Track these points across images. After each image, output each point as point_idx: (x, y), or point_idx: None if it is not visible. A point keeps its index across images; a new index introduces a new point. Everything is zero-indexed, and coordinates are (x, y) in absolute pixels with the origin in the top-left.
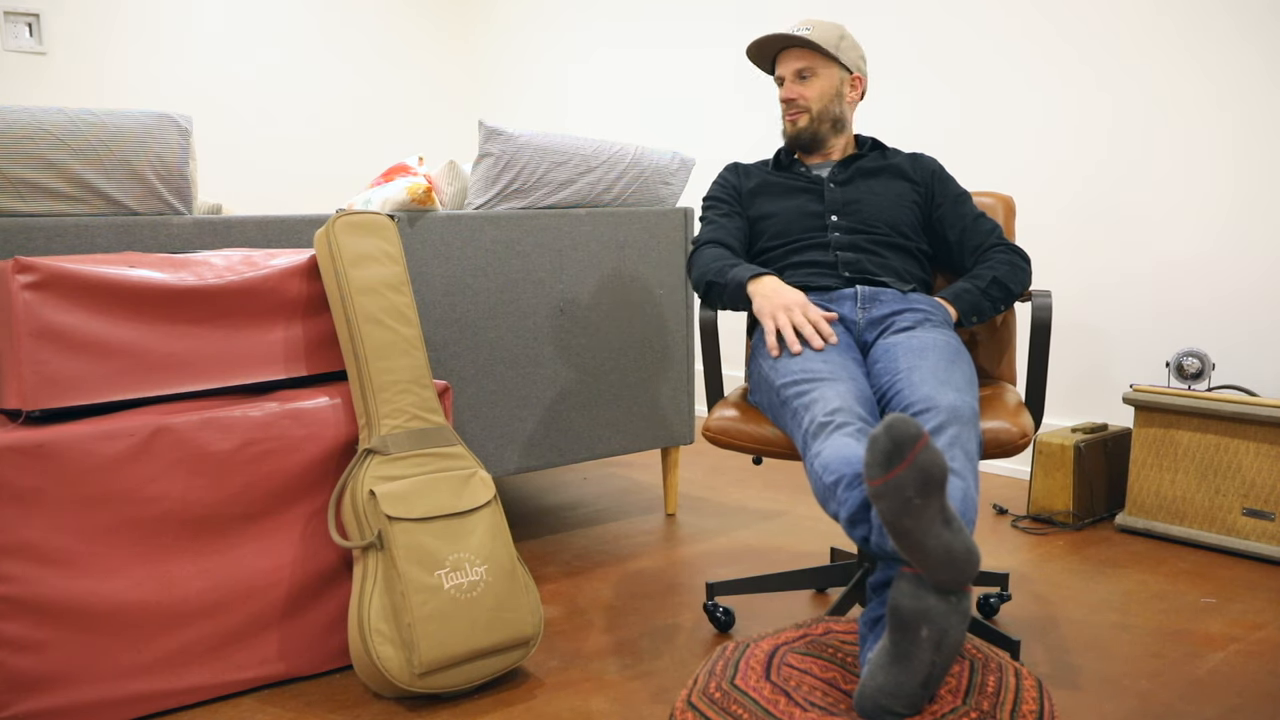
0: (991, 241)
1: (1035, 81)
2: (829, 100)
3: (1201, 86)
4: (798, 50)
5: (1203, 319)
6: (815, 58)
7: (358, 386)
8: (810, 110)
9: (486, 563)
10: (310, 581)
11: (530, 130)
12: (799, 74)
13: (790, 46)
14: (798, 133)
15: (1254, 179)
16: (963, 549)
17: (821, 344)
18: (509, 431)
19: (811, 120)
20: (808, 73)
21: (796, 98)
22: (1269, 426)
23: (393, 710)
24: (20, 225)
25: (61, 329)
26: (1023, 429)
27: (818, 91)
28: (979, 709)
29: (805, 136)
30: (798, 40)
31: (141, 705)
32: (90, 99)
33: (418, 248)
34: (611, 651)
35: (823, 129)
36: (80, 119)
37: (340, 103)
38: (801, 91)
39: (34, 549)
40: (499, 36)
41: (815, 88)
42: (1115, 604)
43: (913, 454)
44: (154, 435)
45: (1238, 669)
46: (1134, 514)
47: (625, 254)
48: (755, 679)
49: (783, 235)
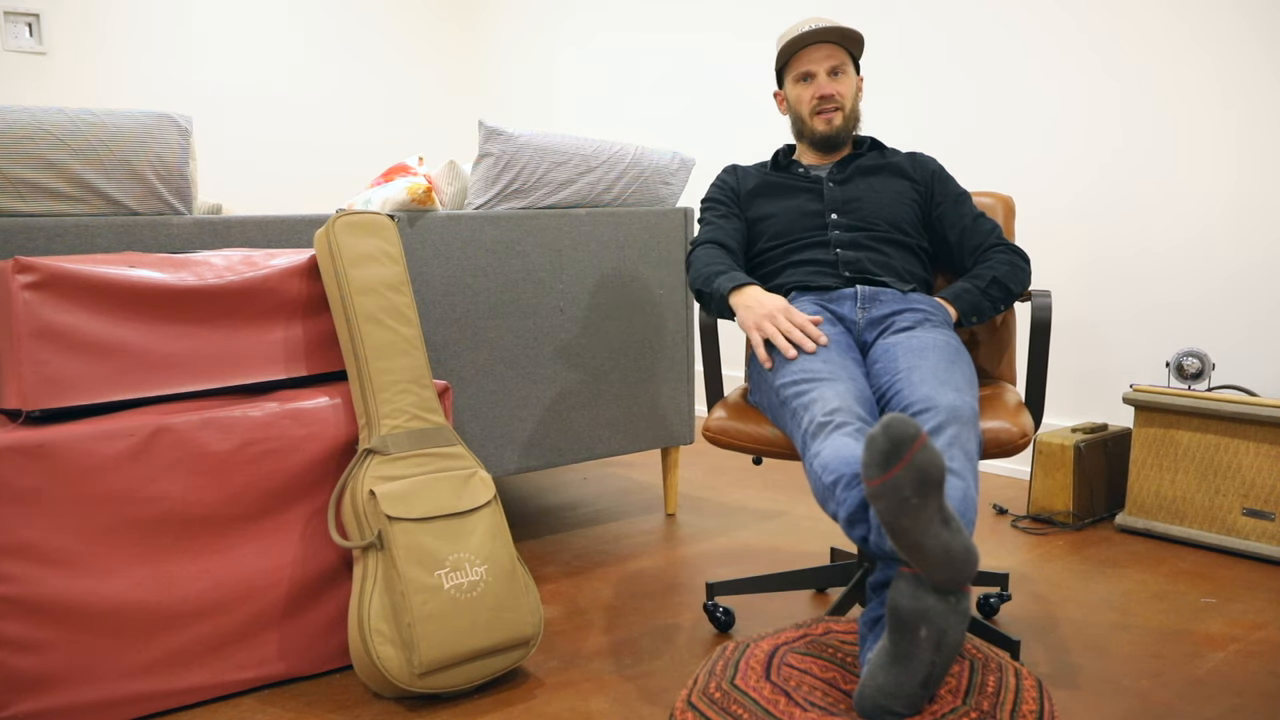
0: (991, 241)
1: (1036, 81)
2: (855, 98)
3: (1204, 86)
4: (830, 46)
5: (1203, 319)
6: (845, 55)
7: (358, 386)
8: (844, 108)
9: (486, 563)
10: (310, 581)
11: (530, 130)
12: (833, 70)
13: (828, 41)
14: (835, 131)
15: (1255, 179)
16: (961, 549)
17: (814, 347)
18: (509, 431)
19: (845, 118)
20: (840, 70)
21: (834, 94)
22: (1269, 426)
23: (393, 710)
24: (20, 225)
25: (61, 329)
26: (1023, 429)
27: (850, 89)
28: (979, 709)
29: (842, 135)
30: (850, 33)
31: (141, 705)
32: (90, 99)
33: (418, 248)
34: (611, 651)
35: (850, 127)
36: (80, 119)
37: (340, 103)
38: (838, 88)
39: (34, 549)
40: (499, 36)
41: (847, 85)
42: (1115, 604)
43: (910, 454)
44: (154, 435)
45: (1238, 669)
46: (1134, 514)
47: (625, 254)
48: (755, 679)
49: (783, 235)
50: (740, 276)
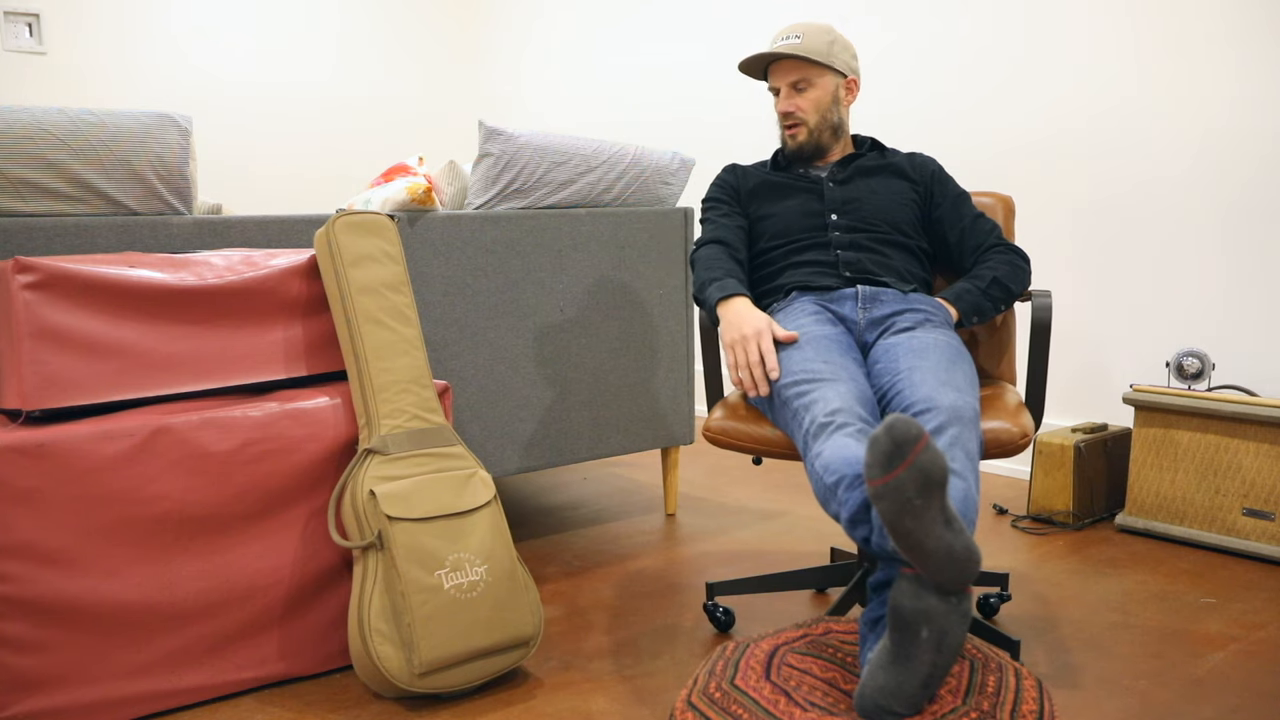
0: (991, 241)
1: (1036, 81)
2: (826, 109)
3: (1206, 86)
4: (791, 62)
5: (1203, 319)
6: (809, 68)
7: (358, 386)
8: (808, 123)
9: (486, 563)
10: (310, 581)
11: (530, 130)
12: (794, 86)
13: (782, 59)
14: (799, 147)
15: (1256, 178)
16: (963, 549)
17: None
18: (509, 431)
19: (810, 132)
20: (803, 84)
21: (794, 110)
22: (1269, 426)
23: (393, 710)
24: (20, 225)
25: (61, 329)
26: (1023, 429)
27: (814, 102)
28: (979, 709)
29: (807, 149)
30: (803, 58)
31: (141, 705)
32: (90, 99)
33: (418, 248)
34: (611, 651)
35: (823, 138)
36: (80, 119)
37: (340, 102)
38: (798, 104)
39: (34, 549)
40: (499, 36)
41: (811, 99)
42: (1115, 604)
43: (913, 455)
44: (154, 435)
45: (1238, 669)
46: (1134, 514)
47: (625, 254)
48: (755, 679)
49: (783, 235)
50: (730, 286)
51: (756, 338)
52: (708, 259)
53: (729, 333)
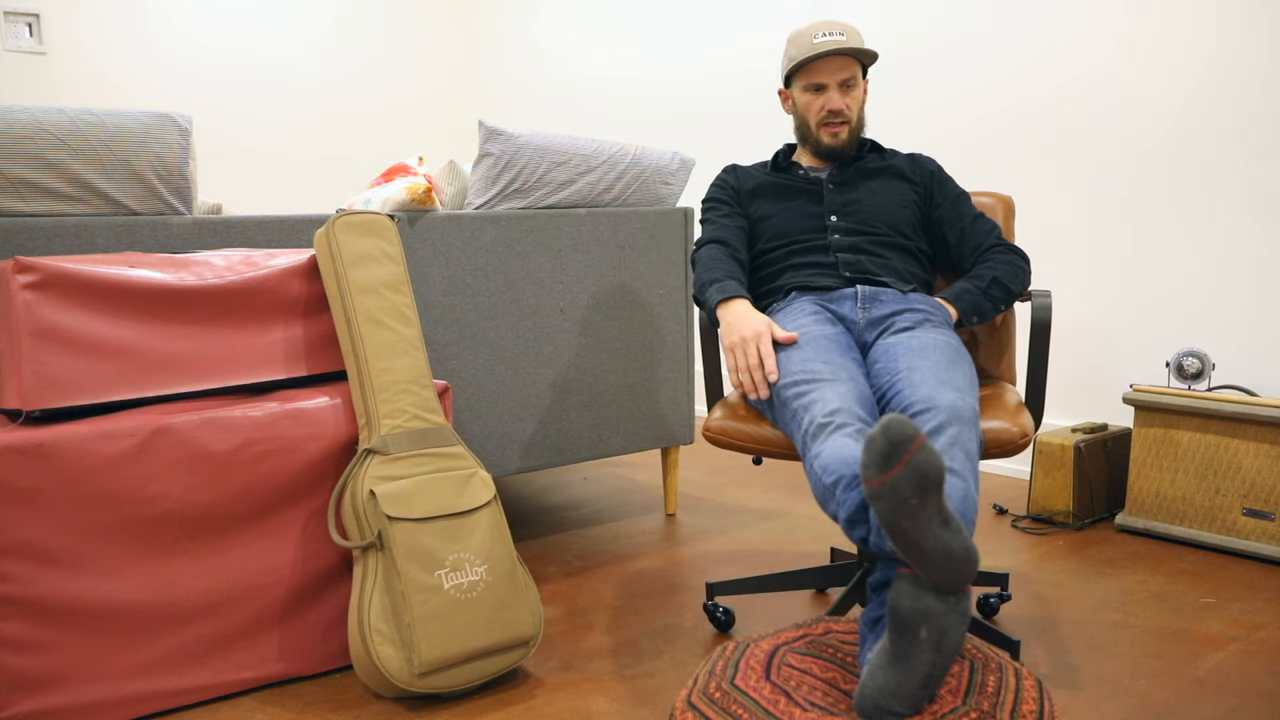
0: (991, 241)
1: (1036, 81)
2: (862, 108)
3: (1208, 86)
4: (843, 59)
5: (1203, 319)
6: (858, 66)
7: (358, 386)
8: (852, 122)
9: (486, 563)
10: (310, 581)
11: (530, 130)
12: (845, 84)
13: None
14: (841, 145)
15: (1256, 178)
16: (961, 549)
17: (756, 395)
18: (509, 431)
19: (852, 131)
20: (852, 82)
21: (844, 109)
22: (1269, 426)
23: (393, 710)
24: (20, 225)
25: (61, 329)
26: (1023, 429)
27: (857, 101)
28: (979, 709)
29: (847, 149)
30: (868, 53)
31: (141, 705)
32: (90, 99)
33: (418, 248)
34: (611, 651)
35: (855, 138)
36: (80, 119)
37: (340, 103)
38: (848, 103)
39: (34, 549)
40: (499, 36)
41: (856, 97)
42: (1115, 604)
43: (909, 455)
44: (154, 435)
45: (1237, 669)
46: (1134, 514)
47: (625, 254)
48: (755, 679)
49: (782, 236)
50: (730, 288)
51: (756, 340)
52: (708, 260)
53: (729, 335)
